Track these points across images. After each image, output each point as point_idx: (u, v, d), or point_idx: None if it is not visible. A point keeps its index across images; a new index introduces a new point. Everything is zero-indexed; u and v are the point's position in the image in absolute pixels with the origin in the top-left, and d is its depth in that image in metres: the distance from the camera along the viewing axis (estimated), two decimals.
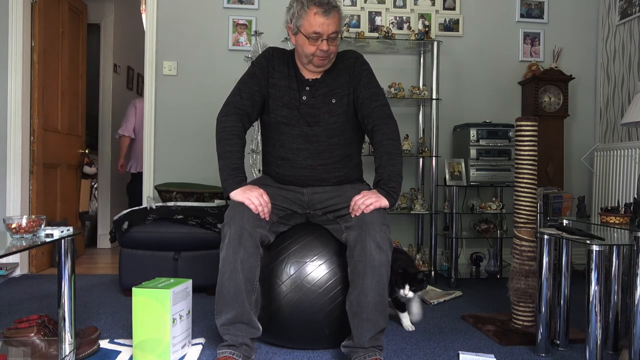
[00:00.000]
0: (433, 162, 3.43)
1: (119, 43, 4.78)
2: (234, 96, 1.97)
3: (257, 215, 1.80)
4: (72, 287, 1.74)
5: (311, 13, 1.85)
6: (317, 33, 1.86)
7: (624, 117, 2.44)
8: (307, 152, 1.96)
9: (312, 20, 1.85)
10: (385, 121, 1.92)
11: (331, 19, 1.85)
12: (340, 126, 1.98)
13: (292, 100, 1.97)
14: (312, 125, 1.96)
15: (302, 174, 1.97)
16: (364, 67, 2.01)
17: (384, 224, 1.77)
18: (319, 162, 1.96)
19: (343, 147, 2.00)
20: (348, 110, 1.99)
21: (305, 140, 1.96)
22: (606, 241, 1.76)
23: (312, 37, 1.87)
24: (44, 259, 3.65)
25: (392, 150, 1.87)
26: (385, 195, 1.82)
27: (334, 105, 1.97)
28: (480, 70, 3.80)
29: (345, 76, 1.99)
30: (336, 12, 1.87)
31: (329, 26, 1.86)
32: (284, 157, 1.98)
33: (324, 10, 1.84)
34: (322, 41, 1.87)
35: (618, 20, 3.61)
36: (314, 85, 1.98)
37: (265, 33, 3.52)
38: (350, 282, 1.79)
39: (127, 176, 4.86)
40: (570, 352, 2.02)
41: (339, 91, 1.98)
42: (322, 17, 1.84)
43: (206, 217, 2.84)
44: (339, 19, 1.90)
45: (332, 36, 1.88)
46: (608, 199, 3.36)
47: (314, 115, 1.96)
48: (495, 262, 3.42)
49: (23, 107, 3.43)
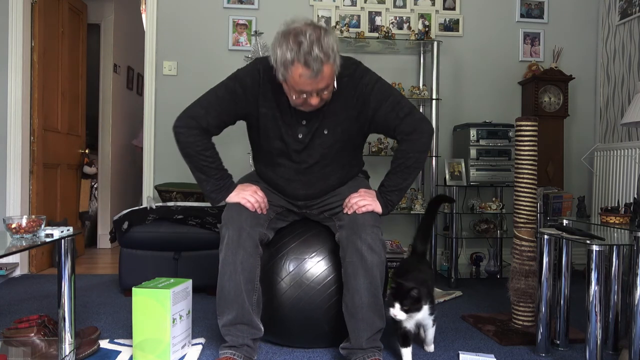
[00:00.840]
0: (433, 162, 3.43)
1: (119, 43, 4.78)
2: (199, 108, 1.76)
3: (255, 213, 1.79)
4: (72, 287, 1.74)
5: (296, 72, 1.57)
6: (304, 91, 1.63)
7: (624, 117, 2.44)
8: (300, 182, 1.86)
9: (297, 79, 1.59)
10: (419, 129, 1.75)
11: (319, 79, 1.59)
12: (336, 154, 1.83)
13: (286, 136, 1.78)
14: (306, 158, 1.82)
15: (294, 197, 1.90)
16: (364, 81, 1.76)
17: (375, 226, 1.76)
18: (313, 190, 1.88)
19: (339, 171, 1.89)
20: (344, 137, 1.81)
21: (298, 172, 1.85)
22: (606, 241, 1.76)
23: (298, 92, 1.64)
24: (44, 259, 3.65)
25: (412, 164, 1.78)
26: (382, 204, 1.81)
27: (326, 137, 1.79)
28: (480, 70, 3.80)
29: (339, 102, 1.76)
30: (327, 66, 1.58)
31: (318, 84, 1.60)
32: (275, 183, 1.90)
33: (310, 73, 1.56)
34: (310, 96, 1.64)
35: (618, 20, 3.61)
36: (310, 119, 1.77)
37: (265, 33, 3.51)
38: (344, 284, 1.79)
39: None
40: (570, 352, 2.02)
41: (331, 119, 1.77)
42: (307, 79, 1.58)
43: (206, 217, 2.84)
44: (332, 70, 1.62)
45: (323, 90, 1.64)
46: (608, 199, 3.36)
47: (308, 149, 1.80)
48: (495, 262, 3.42)
49: (23, 107, 3.42)
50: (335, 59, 1.62)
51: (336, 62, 1.64)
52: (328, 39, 1.59)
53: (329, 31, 1.62)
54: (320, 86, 1.62)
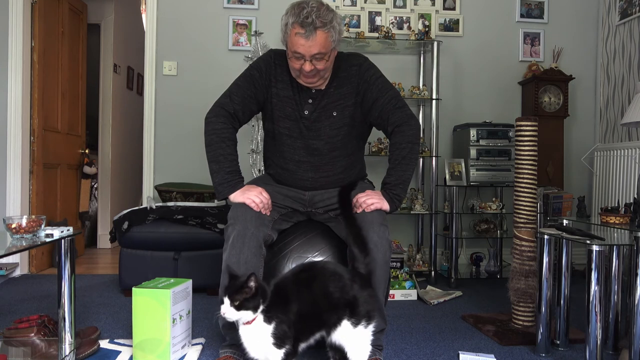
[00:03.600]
0: (433, 162, 3.43)
1: (119, 43, 4.78)
2: (225, 98, 1.91)
3: (260, 213, 1.80)
4: (72, 287, 1.75)
5: (292, 33, 1.76)
6: (298, 53, 1.77)
7: (624, 117, 2.44)
8: (309, 164, 1.93)
9: (293, 40, 1.76)
10: (408, 122, 1.88)
11: (312, 41, 1.74)
12: (342, 138, 1.93)
13: (294, 113, 1.91)
14: (314, 139, 1.91)
15: (303, 184, 1.96)
16: (370, 72, 1.92)
17: (383, 224, 1.78)
18: (320, 175, 1.94)
19: (345, 158, 1.97)
20: (351, 122, 1.93)
21: (307, 153, 1.93)
22: (606, 241, 1.76)
23: (295, 56, 1.79)
24: (44, 259, 3.65)
25: (407, 155, 1.86)
26: (388, 200, 1.83)
27: (335, 119, 1.91)
28: (480, 70, 3.80)
29: (348, 86, 1.91)
30: (321, 32, 1.74)
31: (311, 48, 1.74)
32: (285, 168, 1.96)
33: (304, 32, 1.73)
34: (304, 61, 1.77)
35: (618, 20, 3.61)
36: (316, 98, 1.91)
37: (265, 33, 3.52)
38: None
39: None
40: (570, 352, 2.02)
41: (340, 102, 1.91)
42: (302, 39, 1.74)
43: (206, 217, 2.84)
44: (325, 40, 1.76)
45: (316, 57, 1.77)
46: (608, 199, 3.36)
47: (315, 129, 1.91)
48: (495, 262, 3.42)
49: (23, 107, 3.42)
50: (331, 31, 1.77)
51: (333, 35, 1.78)
52: (329, 12, 1.77)
53: (333, 10, 1.80)
54: (313, 51, 1.75)
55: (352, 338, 1.53)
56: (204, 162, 1.89)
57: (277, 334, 1.44)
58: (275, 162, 2.00)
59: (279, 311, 1.45)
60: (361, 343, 1.55)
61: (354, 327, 1.52)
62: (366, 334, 1.55)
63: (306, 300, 1.49)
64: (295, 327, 1.46)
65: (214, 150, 1.85)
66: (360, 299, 1.53)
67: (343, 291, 1.52)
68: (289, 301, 1.47)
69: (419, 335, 2.21)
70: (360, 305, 1.53)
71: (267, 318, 1.44)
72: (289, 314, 1.45)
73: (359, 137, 2.01)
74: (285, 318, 1.45)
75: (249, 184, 1.92)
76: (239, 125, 1.94)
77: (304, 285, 1.51)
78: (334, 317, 1.51)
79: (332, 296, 1.51)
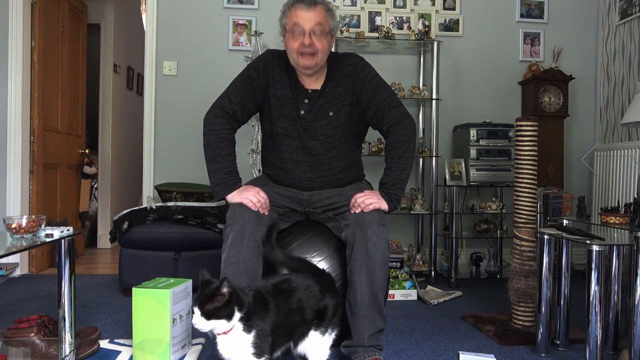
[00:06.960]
0: (433, 162, 3.43)
1: (119, 43, 4.78)
2: (223, 98, 1.92)
3: (258, 213, 1.80)
4: (72, 287, 1.75)
5: (293, 9, 1.84)
6: (297, 24, 1.82)
7: (624, 117, 2.44)
8: (307, 164, 1.93)
9: (293, 14, 1.84)
10: (403, 121, 1.88)
11: (312, 12, 1.82)
12: (339, 138, 1.94)
13: (292, 113, 1.92)
14: (311, 139, 1.92)
15: (301, 185, 1.95)
16: (365, 71, 1.94)
17: (381, 224, 1.78)
18: (318, 175, 1.94)
19: (343, 158, 1.97)
20: (348, 122, 1.94)
21: (305, 153, 1.93)
22: (606, 241, 1.76)
23: (293, 31, 1.83)
24: (44, 259, 3.65)
25: (403, 154, 1.86)
26: (386, 200, 1.83)
27: (332, 118, 1.92)
28: (480, 70, 3.80)
29: (344, 86, 1.92)
30: (320, 7, 1.84)
31: (310, 19, 1.81)
32: (283, 168, 1.96)
33: (306, 4, 1.82)
34: (303, 35, 1.82)
35: (618, 20, 3.61)
36: (312, 98, 1.92)
37: (265, 33, 3.51)
38: (348, 282, 1.80)
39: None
40: (570, 352, 2.02)
41: (337, 102, 1.92)
42: (302, 11, 1.82)
43: (206, 217, 2.84)
44: (325, 15, 1.85)
45: (315, 30, 1.82)
46: (608, 199, 3.36)
47: (312, 129, 1.91)
48: (495, 262, 3.42)
49: (23, 107, 3.42)
50: (330, 12, 1.87)
51: (331, 17, 1.87)
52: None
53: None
54: (313, 22, 1.81)
55: (315, 344, 1.59)
56: (204, 162, 1.89)
57: (258, 343, 1.39)
58: (273, 162, 1.99)
59: (259, 319, 1.40)
60: (322, 348, 1.61)
61: (322, 336, 1.59)
62: (327, 341, 1.62)
63: (283, 311, 1.47)
64: (272, 337, 1.43)
65: (212, 151, 1.85)
66: (329, 309, 1.59)
67: (314, 303, 1.56)
68: (268, 310, 1.43)
69: (419, 335, 2.21)
70: (328, 315, 1.58)
71: (247, 327, 1.37)
72: (268, 323, 1.42)
73: (355, 136, 2.02)
74: (265, 327, 1.41)
75: (246, 184, 1.92)
76: (238, 125, 1.95)
77: (282, 296, 1.50)
78: (304, 329, 1.55)
79: (305, 309, 1.53)
